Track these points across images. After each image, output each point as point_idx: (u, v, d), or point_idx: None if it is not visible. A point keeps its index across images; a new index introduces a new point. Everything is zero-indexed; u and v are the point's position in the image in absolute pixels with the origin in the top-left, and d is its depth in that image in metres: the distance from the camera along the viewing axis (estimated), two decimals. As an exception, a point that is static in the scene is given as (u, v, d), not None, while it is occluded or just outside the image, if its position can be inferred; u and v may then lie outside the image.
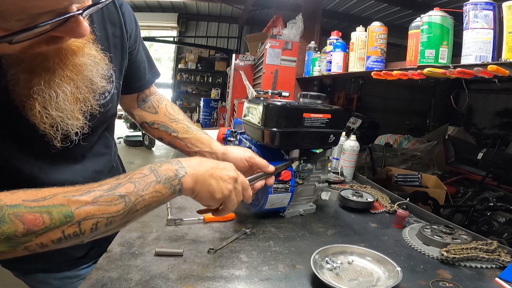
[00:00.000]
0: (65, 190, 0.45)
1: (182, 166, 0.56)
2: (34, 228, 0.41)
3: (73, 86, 0.55)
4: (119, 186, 0.49)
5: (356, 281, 0.66)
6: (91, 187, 0.48)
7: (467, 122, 7.57)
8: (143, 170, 0.53)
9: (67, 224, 0.44)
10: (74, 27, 0.42)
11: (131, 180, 0.51)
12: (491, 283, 0.70)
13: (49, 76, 0.51)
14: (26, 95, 0.51)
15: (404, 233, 0.93)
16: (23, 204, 0.42)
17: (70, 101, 0.55)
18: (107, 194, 0.48)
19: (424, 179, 2.55)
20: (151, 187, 0.52)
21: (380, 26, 1.38)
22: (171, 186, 0.54)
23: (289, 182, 0.90)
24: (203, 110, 7.81)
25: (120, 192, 0.49)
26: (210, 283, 0.63)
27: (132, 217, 0.51)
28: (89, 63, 0.56)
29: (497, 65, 0.81)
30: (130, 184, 0.50)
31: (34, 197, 0.43)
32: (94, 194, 0.47)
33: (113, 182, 0.50)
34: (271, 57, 2.76)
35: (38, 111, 0.52)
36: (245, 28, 7.57)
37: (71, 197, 0.45)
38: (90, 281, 0.60)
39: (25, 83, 0.50)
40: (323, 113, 0.89)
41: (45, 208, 0.43)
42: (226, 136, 1.33)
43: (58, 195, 0.44)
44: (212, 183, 0.59)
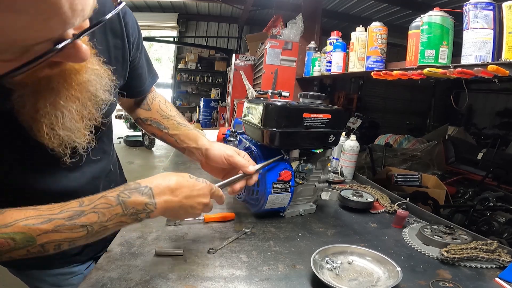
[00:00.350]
0: (26, 216, 0.48)
1: (152, 200, 0.56)
2: (2, 248, 0.46)
3: (78, 104, 0.55)
4: (81, 215, 0.50)
5: (356, 281, 0.66)
6: (52, 214, 0.49)
7: (467, 122, 7.57)
8: (110, 200, 0.53)
9: (31, 246, 0.48)
10: (73, 52, 0.41)
11: (95, 210, 0.51)
12: (491, 283, 0.70)
13: (54, 97, 0.51)
14: (32, 117, 0.51)
15: (404, 233, 0.93)
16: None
17: (76, 119, 0.55)
18: (68, 223, 0.49)
19: (424, 179, 2.55)
20: (115, 218, 0.53)
21: (380, 26, 1.38)
22: (137, 217, 0.55)
23: (289, 182, 0.90)
24: (203, 110, 7.81)
25: (82, 222, 0.50)
26: (210, 283, 0.63)
27: (96, 238, 0.52)
28: (92, 79, 0.56)
29: (497, 65, 0.81)
30: (93, 215, 0.51)
31: (1, 223, 0.46)
32: (55, 222, 0.48)
33: (75, 208, 0.50)
34: (271, 57, 2.76)
35: (46, 132, 0.52)
36: (245, 28, 7.57)
37: (31, 225, 0.47)
38: (90, 281, 0.60)
39: (31, 106, 0.50)
40: (323, 113, 0.89)
41: (7, 234, 0.46)
42: (226, 136, 1.33)
43: (19, 223, 0.47)
44: (180, 213, 0.61)
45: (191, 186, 0.62)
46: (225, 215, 0.92)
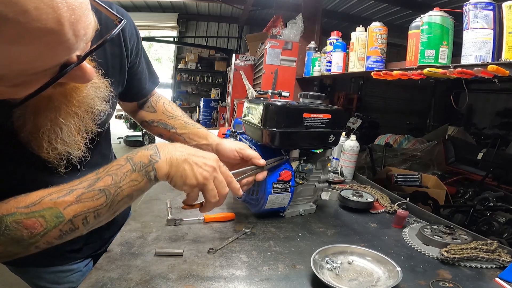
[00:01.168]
0: (49, 192, 0.49)
1: (157, 152, 0.57)
2: (36, 231, 0.47)
3: (77, 119, 0.55)
4: (97, 181, 0.52)
5: (356, 281, 0.66)
6: (73, 186, 0.51)
7: (467, 122, 7.57)
8: (120, 161, 0.55)
9: (61, 223, 0.49)
10: (79, 74, 0.43)
11: (109, 172, 0.53)
12: (491, 283, 0.70)
13: (55, 114, 0.52)
14: (33, 134, 0.52)
15: (404, 233, 0.93)
16: (18, 212, 0.46)
17: (73, 133, 0.56)
18: (88, 190, 0.51)
19: (424, 179, 2.55)
20: (127, 177, 0.54)
21: (380, 26, 1.38)
22: (146, 172, 0.55)
23: (289, 182, 0.90)
24: (203, 110, 7.81)
25: (99, 187, 0.51)
26: (210, 283, 0.63)
27: (117, 208, 0.54)
28: (91, 92, 0.57)
29: (497, 65, 0.81)
30: (107, 177, 0.53)
31: (25, 203, 0.47)
32: (76, 192, 0.50)
33: (92, 177, 0.53)
34: (271, 57, 2.76)
35: (45, 147, 0.53)
36: (245, 28, 7.57)
37: (56, 199, 0.49)
38: (90, 281, 0.60)
39: (32, 124, 0.51)
40: (323, 113, 0.89)
41: (37, 212, 0.47)
42: (226, 136, 1.33)
43: (44, 199, 0.48)
44: (186, 168, 0.59)
45: (194, 150, 0.62)
46: (225, 215, 0.92)
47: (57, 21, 0.33)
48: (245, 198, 0.97)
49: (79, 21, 0.37)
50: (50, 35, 0.34)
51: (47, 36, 0.34)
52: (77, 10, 0.36)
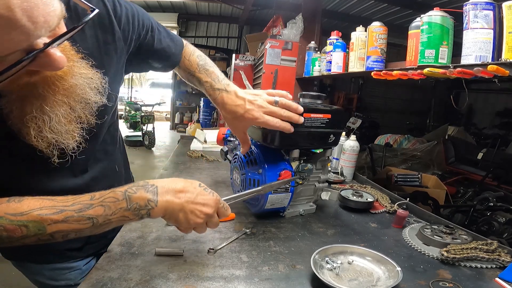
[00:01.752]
0: (40, 206, 0.52)
1: (155, 197, 0.58)
2: (15, 235, 0.50)
3: (66, 108, 0.55)
4: (89, 208, 0.54)
5: (356, 281, 0.66)
6: (65, 206, 0.53)
7: (467, 122, 7.57)
8: (117, 194, 0.56)
9: (41, 234, 0.52)
10: (47, 61, 0.43)
11: (103, 203, 0.55)
12: (491, 283, 0.70)
13: (40, 102, 0.52)
14: (20, 122, 0.52)
15: (404, 233, 0.93)
16: (5, 217, 0.50)
17: (64, 123, 0.56)
18: (77, 215, 0.53)
19: (424, 179, 2.55)
20: (119, 213, 0.56)
21: (380, 26, 1.38)
22: (139, 213, 0.57)
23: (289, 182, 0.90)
24: (203, 110, 7.81)
25: (89, 215, 0.53)
26: (210, 283, 0.63)
27: (100, 231, 0.56)
28: (80, 83, 0.57)
29: (497, 65, 0.81)
30: (100, 208, 0.54)
31: (14, 211, 0.50)
32: (65, 214, 0.52)
33: (85, 201, 0.54)
34: (271, 57, 2.76)
35: (33, 136, 0.53)
36: (245, 28, 7.57)
37: (44, 215, 0.51)
38: (90, 281, 0.60)
39: (18, 112, 0.51)
40: (323, 113, 0.89)
41: (22, 222, 0.50)
42: (226, 136, 1.33)
43: (33, 212, 0.51)
44: (180, 216, 0.61)
45: (197, 193, 0.63)
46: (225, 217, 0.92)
47: (6, 7, 0.35)
48: (245, 198, 0.97)
49: (35, 8, 0.38)
50: (1, 20, 0.35)
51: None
52: None
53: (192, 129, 6.41)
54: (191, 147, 1.85)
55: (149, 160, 5.66)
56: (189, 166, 1.49)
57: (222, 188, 1.21)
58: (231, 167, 1.06)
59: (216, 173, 1.41)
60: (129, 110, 6.72)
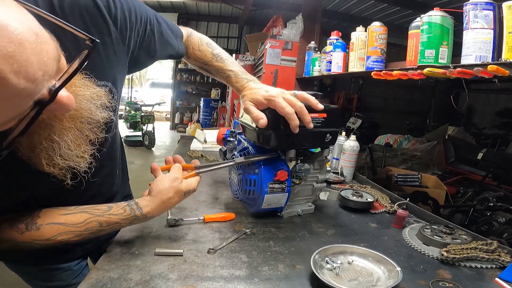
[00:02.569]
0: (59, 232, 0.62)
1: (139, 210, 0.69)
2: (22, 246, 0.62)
3: (74, 133, 0.54)
4: (100, 226, 0.66)
5: (356, 281, 0.66)
6: (80, 232, 0.64)
7: (467, 122, 7.56)
8: (125, 209, 0.69)
9: (48, 244, 0.63)
10: (56, 107, 0.41)
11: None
12: (491, 283, 0.70)
13: (48, 132, 0.50)
14: (31, 153, 0.51)
15: (404, 233, 0.93)
16: (35, 242, 0.61)
17: (73, 147, 0.54)
18: (86, 232, 0.65)
19: (424, 179, 2.55)
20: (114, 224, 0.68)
21: (380, 26, 1.38)
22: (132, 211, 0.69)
23: (285, 182, 0.90)
24: (203, 110, 7.81)
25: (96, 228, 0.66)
26: (210, 283, 0.63)
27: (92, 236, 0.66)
28: (86, 104, 0.54)
29: (497, 65, 0.81)
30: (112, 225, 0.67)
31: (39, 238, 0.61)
32: (80, 236, 0.65)
33: (96, 228, 0.66)
34: (271, 57, 2.76)
35: (45, 164, 0.52)
36: (245, 28, 7.57)
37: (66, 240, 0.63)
38: (90, 281, 0.60)
39: (27, 143, 0.50)
40: (319, 112, 0.89)
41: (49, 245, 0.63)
42: (225, 136, 1.33)
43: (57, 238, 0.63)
44: (164, 206, 0.72)
45: (165, 188, 0.72)
46: (225, 215, 0.92)
47: (14, 72, 0.32)
48: (242, 198, 0.97)
49: (29, 65, 0.34)
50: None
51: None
52: (18, 56, 0.33)
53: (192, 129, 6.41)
54: (191, 147, 1.85)
55: (149, 160, 5.66)
56: (189, 166, 1.49)
57: (222, 188, 1.21)
58: (229, 168, 1.06)
59: (215, 173, 1.41)
60: (129, 110, 6.72)
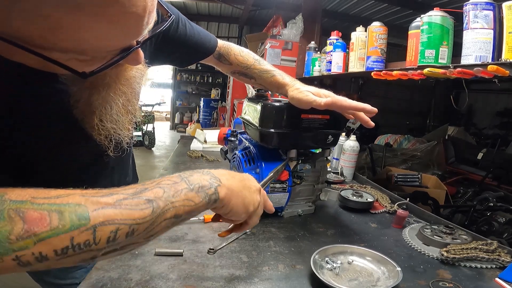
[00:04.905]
0: (83, 192, 0.39)
1: (214, 176, 0.51)
2: (36, 229, 0.33)
3: (124, 99, 0.57)
4: (145, 191, 0.42)
5: (356, 281, 0.66)
6: (114, 190, 0.41)
7: (467, 122, 7.56)
8: (172, 178, 0.47)
9: (80, 228, 0.35)
10: (134, 57, 0.46)
11: (160, 185, 0.44)
12: (491, 283, 0.70)
13: (106, 91, 0.53)
14: (88, 109, 0.53)
15: (404, 233, 0.93)
16: (30, 201, 0.34)
17: (122, 113, 0.57)
18: (132, 197, 0.40)
19: (424, 179, 2.55)
20: (182, 194, 0.45)
21: (380, 26, 1.38)
22: (206, 195, 0.48)
23: (286, 182, 0.90)
24: (203, 110, 7.81)
25: (148, 197, 0.41)
26: (210, 283, 0.63)
27: (157, 229, 0.43)
28: (137, 76, 0.59)
29: (497, 65, 0.81)
30: (158, 189, 0.43)
31: (46, 195, 0.36)
32: (117, 196, 0.39)
33: (138, 187, 0.43)
34: (271, 57, 2.76)
35: (96, 123, 0.54)
36: (245, 28, 7.57)
37: (90, 197, 0.37)
38: (90, 281, 0.60)
39: (86, 99, 0.52)
40: (322, 114, 0.89)
41: (56, 206, 0.35)
42: (227, 136, 1.32)
43: (75, 194, 0.37)
44: (246, 195, 0.54)
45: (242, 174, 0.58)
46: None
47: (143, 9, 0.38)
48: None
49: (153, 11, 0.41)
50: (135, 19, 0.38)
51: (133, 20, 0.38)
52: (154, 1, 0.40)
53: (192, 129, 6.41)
54: (191, 147, 1.85)
55: (149, 160, 5.66)
56: (189, 166, 1.49)
57: (222, 188, 1.21)
58: (230, 167, 1.06)
59: (216, 173, 1.41)
60: None
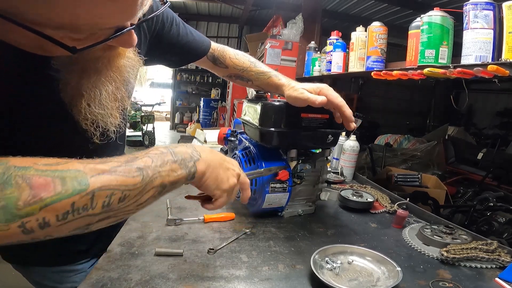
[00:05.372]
0: (79, 160, 0.42)
1: (196, 150, 0.56)
2: (43, 194, 0.35)
3: (113, 86, 0.57)
4: (136, 160, 0.47)
5: (356, 281, 0.66)
6: (108, 159, 0.45)
7: (467, 122, 7.56)
8: (160, 148, 0.52)
9: (80, 193, 0.38)
10: (127, 39, 0.47)
11: (148, 155, 0.49)
12: (491, 283, 0.70)
13: (97, 76, 0.54)
14: (76, 93, 0.54)
15: (404, 233, 0.93)
16: (34, 167, 0.37)
17: (110, 100, 0.57)
18: (125, 165, 0.45)
19: (424, 179, 2.55)
20: (168, 165, 0.50)
21: (380, 26, 1.38)
22: (186, 167, 0.52)
23: (286, 182, 0.90)
24: (203, 110, 7.81)
25: (138, 165, 0.46)
26: (210, 283, 0.63)
27: (146, 197, 0.47)
28: (128, 65, 0.59)
29: (497, 65, 0.81)
30: (147, 159, 0.48)
31: (47, 162, 0.39)
32: (112, 164, 0.43)
33: (129, 156, 0.48)
34: (271, 57, 2.76)
35: (83, 107, 0.54)
36: (245, 28, 7.57)
37: (87, 164, 0.41)
38: (90, 281, 0.60)
39: (75, 83, 0.53)
40: (321, 113, 0.89)
41: (58, 172, 0.38)
42: (227, 136, 1.33)
43: (73, 161, 0.41)
44: (221, 172, 0.59)
45: (223, 156, 0.62)
46: (225, 215, 0.92)
47: None
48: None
49: None
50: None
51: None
52: None
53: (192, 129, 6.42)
54: (191, 147, 1.84)
55: (149, 160, 5.65)
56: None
57: (222, 188, 1.21)
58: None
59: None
60: (129, 110, 6.71)
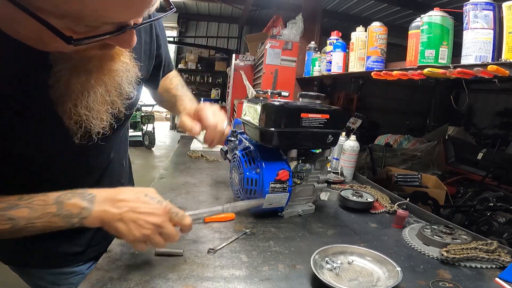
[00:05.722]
0: None
1: (90, 207, 0.55)
2: None
3: (103, 89, 0.56)
4: (14, 208, 0.51)
5: (356, 281, 0.66)
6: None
7: (467, 122, 7.57)
8: (48, 198, 0.54)
9: None
10: (127, 38, 0.46)
11: (30, 205, 0.52)
12: (491, 283, 0.70)
13: (87, 77, 0.53)
14: (63, 92, 0.53)
15: (404, 233, 0.93)
16: None
17: (98, 102, 0.57)
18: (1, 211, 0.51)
19: (424, 179, 2.55)
20: (46, 218, 0.53)
21: (380, 26, 1.38)
22: (69, 221, 0.54)
23: (286, 182, 0.90)
24: (203, 110, 7.79)
25: (11, 215, 0.51)
26: (210, 283, 0.63)
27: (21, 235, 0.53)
28: (121, 70, 0.58)
29: (497, 65, 0.81)
30: (24, 209, 0.52)
31: None
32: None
33: (13, 201, 0.52)
34: (271, 57, 2.75)
35: (69, 107, 0.54)
36: (245, 28, 7.57)
37: None
38: (90, 281, 0.60)
39: (65, 81, 0.52)
40: (321, 113, 0.89)
41: None
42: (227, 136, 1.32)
43: None
44: (119, 227, 0.56)
45: (141, 203, 0.58)
46: (225, 215, 0.92)
47: None
48: (243, 198, 0.97)
49: None
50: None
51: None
52: None
53: (192, 129, 6.39)
54: (191, 147, 1.85)
55: (149, 160, 5.66)
56: (189, 166, 1.49)
57: (222, 188, 1.21)
58: (230, 167, 1.06)
59: (216, 173, 1.41)
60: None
